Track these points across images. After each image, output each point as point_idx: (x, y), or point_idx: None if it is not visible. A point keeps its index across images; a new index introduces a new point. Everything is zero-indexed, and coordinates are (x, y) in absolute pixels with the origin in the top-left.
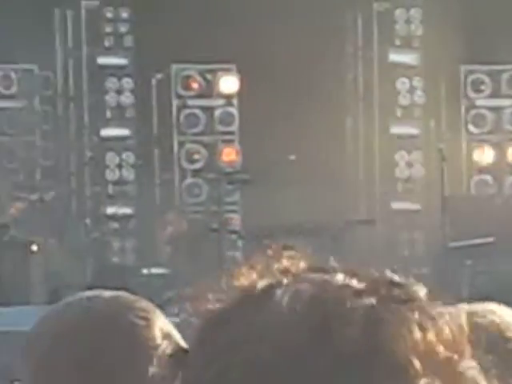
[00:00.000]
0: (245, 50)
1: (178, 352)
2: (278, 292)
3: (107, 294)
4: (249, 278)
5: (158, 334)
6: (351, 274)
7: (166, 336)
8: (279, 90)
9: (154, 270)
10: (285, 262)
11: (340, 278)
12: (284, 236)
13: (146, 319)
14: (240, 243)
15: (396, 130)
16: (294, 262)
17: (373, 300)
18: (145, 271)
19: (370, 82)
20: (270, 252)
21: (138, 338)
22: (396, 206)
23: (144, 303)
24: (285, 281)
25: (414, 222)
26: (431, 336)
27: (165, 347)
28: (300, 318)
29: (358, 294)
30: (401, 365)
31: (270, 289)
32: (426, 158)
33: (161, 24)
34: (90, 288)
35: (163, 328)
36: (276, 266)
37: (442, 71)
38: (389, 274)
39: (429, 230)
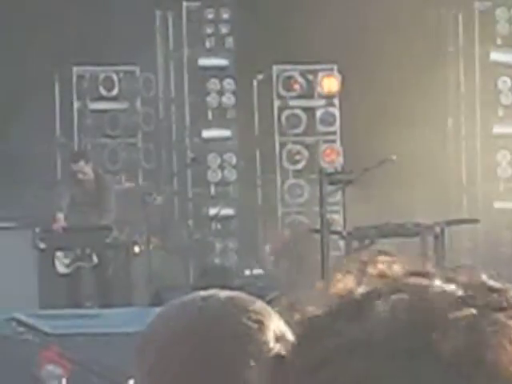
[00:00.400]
0: (346, 50)
1: (278, 357)
2: (377, 301)
3: (223, 294)
4: (346, 284)
5: (271, 337)
6: (448, 279)
7: (280, 339)
8: (380, 90)
9: (256, 271)
10: (380, 266)
11: (438, 284)
12: (386, 236)
13: (260, 322)
14: (342, 244)
15: (498, 129)
16: (389, 266)
17: (473, 310)
18: (247, 272)
19: (471, 81)
20: (364, 256)
21: (250, 341)
22: (498, 205)
23: (259, 305)
24: (382, 288)
25: None
26: None
27: (277, 351)
28: (401, 330)
29: (458, 302)
30: (503, 376)
31: (367, 297)
32: None
33: (262, 24)
34: (193, 289)
35: (277, 331)
36: (372, 270)
37: None
38: (486, 278)
39: None
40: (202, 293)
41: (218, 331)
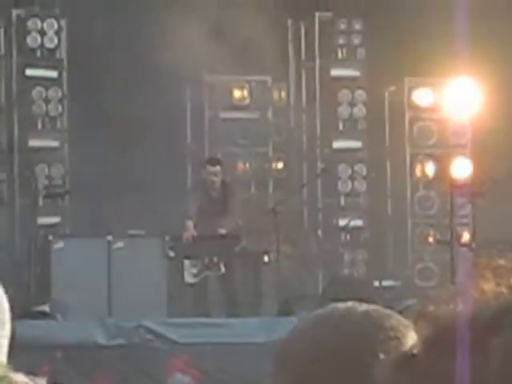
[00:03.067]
0: (478, 60)
1: (404, 356)
2: (495, 340)
3: (360, 309)
4: (479, 295)
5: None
6: None
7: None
8: (509, 101)
9: (385, 283)
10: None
11: None
12: None
13: (397, 338)
14: (471, 256)
15: None
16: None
17: None
18: (376, 283)
19: None
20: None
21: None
22: None
23: (395, 320)
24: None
25: None
26: None
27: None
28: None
29: None
30: None
31: (489, 328)
32: None
33: (393, 36)
34: (322, 299)
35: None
36: (505, 282)
37: None
38: None
39: None
40: (340, 306)
41: (355, 349)
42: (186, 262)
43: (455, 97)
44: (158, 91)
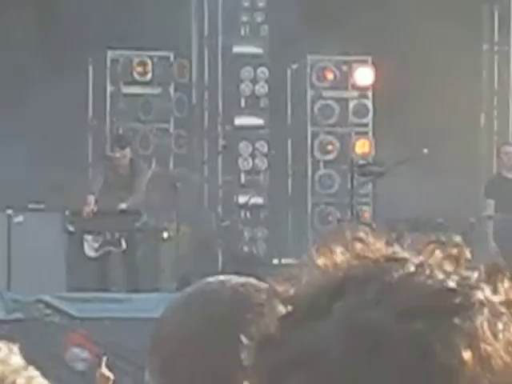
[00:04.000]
0: (381, 42)
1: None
2: (338, 305)
3: (229, 284)
4: (326, 265)
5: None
6: (423, 270)
7: None
8: (414, 83)
9: (285, 261)
10: (359, 247)
11: (407, 280)
12: (415, 230)
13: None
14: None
15: None
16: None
17: (420, 324)
18: (275, 261)
19: (505, 77)
20: (350, 236)
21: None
22: None
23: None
24: (350, 282)
25: None
26: (484, 352)
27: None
28: (347, 343)
29: (410, 313)
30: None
31: (333, 295)
32: None
33: (296, 13)
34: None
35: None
36: (352, 251)
37: None
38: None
39: None
40: (211, 280)
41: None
42: (89, 236)
43: (358, 75)
44: (60, 66)
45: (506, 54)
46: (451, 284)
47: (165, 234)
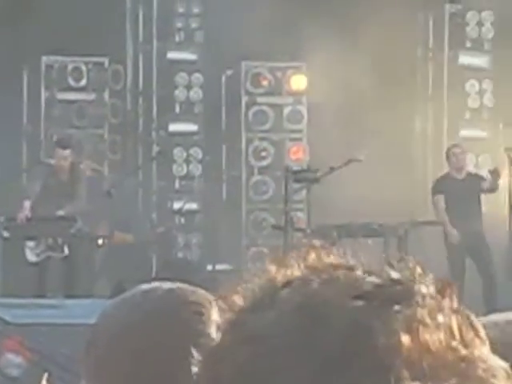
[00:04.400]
0: (314, 49)
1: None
2: (285, 292)
3: (163, 287)
4: (275, 275)
5: (212, 329)
6: (369, 272)
7: None
8: (348, 89)
9: (219, 267)
10: (312, 258)
11: (353, 276)
12: (349, 236)
13: (201, 314)
14: (305, 241)
15: (465, 132)
16: (321, 257)
17: (362, 302)
18: (209, 267)
19: (439, 84)
20: (301, 248)
21: (191, 335)
22: None
23: (200, 296)
24: (298, 278)
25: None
26: (422, 337)
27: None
28: (287, 325)
29: (355, 294)
30: (384, 372)
31: (280, 287)
32: (494, 161)
33: (232, 20)
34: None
35: (219, 321)
36: (304, 261)
37: None
38: (390, 271)
39: (497, 232)
40: (144, 287)
41: (159, 328)
42: (30, 242)
43: (292, 82)
44: None
45: (440, 61)
46: (395, 275)
47: (99, 241)
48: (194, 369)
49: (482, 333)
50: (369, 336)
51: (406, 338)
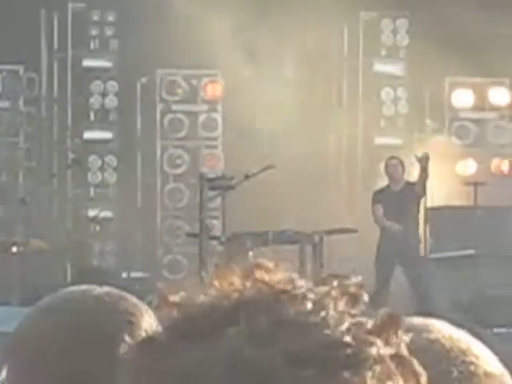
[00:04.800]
0: (229, 57)
1: (143, 343)
2: (231, 332)
3: (93, 293)
4: (222, 286)
5: (141, 336)
6: (321, 307)
7: None
8: (263, 96)
9: (134, 274)
10: (258, 275)
11: (303, 320)
12: (265, 243)
13: (131, 323)
14: (220, 249)
15: (380, 140)
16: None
17: (310, 371)
18: (124, 275)
19: (354, 91)
20: (245, 263)
21: (120, 343)
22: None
23: (130, 304)
24: (243, 312)
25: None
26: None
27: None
28: (228, 378)
29: (301, 358)
30: None
31: (223, 321)
32: (409, 170)
33: (147, 28)
34: None
35: (148, 330)
36: (249, 277)
37: (427, 82)
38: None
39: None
40: (74, 291)
41: (88, 335)
42: None
43: (207, 90)
44: None
45: (355, 68)
46: (347, 338)
47: (14, 248)
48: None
49: (424, 379)
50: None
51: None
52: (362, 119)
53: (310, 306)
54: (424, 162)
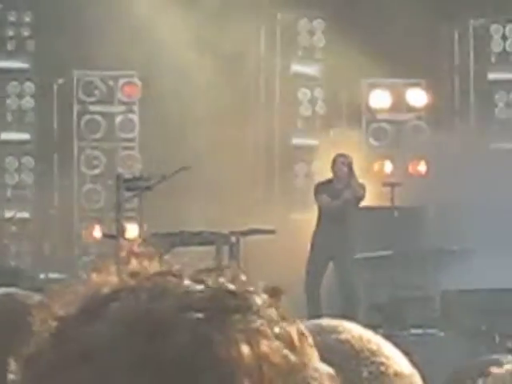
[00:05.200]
0: (146, 58)
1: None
2: (114, 306)
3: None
4: (96, 282)
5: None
6: (197, 280)
7: None
8: (179, 98)
9: (51, 275)
10: (135, 265)
11: (183, 285)
12: (181, 244)
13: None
14: (137, 250)
15: (296, 140)
16: (145, 264)
17: (200, 314)
18: (42, 275)
19: (271, 92)
20: (123, 254)
21: (11, 345)
22: (295, 216)
23: (36, 300)
24: (125, 289)
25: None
26: (261, 347)
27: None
28: (122, 339)
29: (190, 306)
30: (230, 380)
31: (107, 298)
32: (325, 170)
33: (63, 29)
34: None
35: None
36: (126, 268)
37: (344, 83)
38: (227, 282)
39: None
40: None
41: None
42: None
43: (124, 91)
44: None
45: (272, 69)
46: (231, 286)
47: None
48: (11, 376)
49: (311, 340)
50: (210, 349)
51: (245, 349)
52: (279, 120)
53: (187, 281)
54: (348, 164)
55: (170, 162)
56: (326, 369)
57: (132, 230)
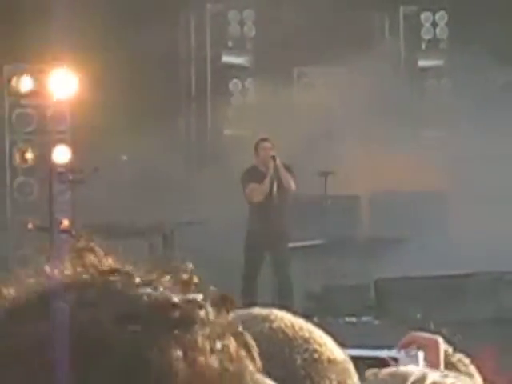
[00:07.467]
0: (78, 50)
1: None
2: (59, 305)
3: None
4: (45, 278)
5: None
6: (148, 282)
7: None
8: (112, 90)
9: None
10: (88, 260)
11: (131, 288)
12: (114, 236)
13: None
14: (71, 242)
15: (228, 131)
16: (96, 260)
17: (138, 327)
18: None
19: (202, 83)
20: (74, 248)
21: None
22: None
23: None
24: (72, 286)
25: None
26: (199, 364)
27: None
28: (69, 337)
29: (131, 316)
30: None
31: (45, 297)
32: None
33: None
34: None
35: None
36: (78, 263)
37: (276, 73)
38: (179, 287)
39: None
40: None
41: None
42: None
43: (54, 84)
44: None
45: (203, 60)
46: (175, 299)
47: None
48: None
49: (254, 351)
50: (146, 361)
51: (181, 365)
52: (211, 111)
53: (138, 280)
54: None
55: (102, 155)
56: (267, 382)
57: (65, 223)
